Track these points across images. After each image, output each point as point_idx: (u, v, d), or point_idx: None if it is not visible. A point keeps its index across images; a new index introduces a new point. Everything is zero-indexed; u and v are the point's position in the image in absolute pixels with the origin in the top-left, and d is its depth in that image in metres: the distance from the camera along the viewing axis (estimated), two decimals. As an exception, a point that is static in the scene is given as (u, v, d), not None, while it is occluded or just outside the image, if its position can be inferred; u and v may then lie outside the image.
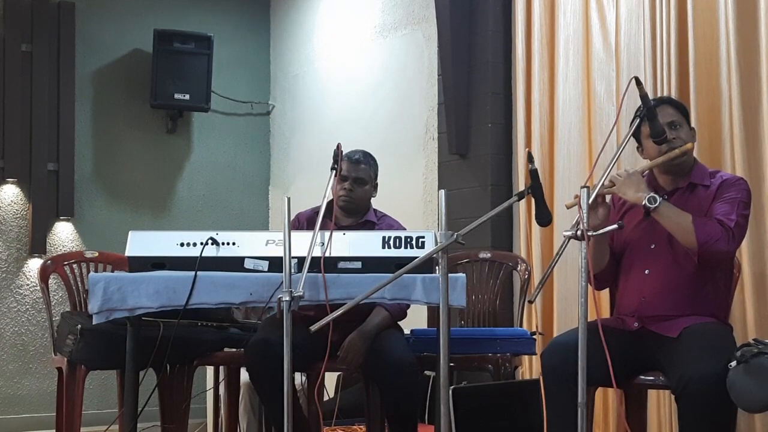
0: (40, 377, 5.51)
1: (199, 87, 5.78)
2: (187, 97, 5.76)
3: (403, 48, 5.26)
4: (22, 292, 5.55)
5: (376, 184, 3.72)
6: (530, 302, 2.75)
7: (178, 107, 5.85)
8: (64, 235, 5.64)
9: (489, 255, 3.88)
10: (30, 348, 5.55)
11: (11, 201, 5.51)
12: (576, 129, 4.29)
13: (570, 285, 4.03)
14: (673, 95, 3.79)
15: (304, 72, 6.01)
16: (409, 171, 5.10)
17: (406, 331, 3.55)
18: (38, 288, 5.43)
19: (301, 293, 2.74)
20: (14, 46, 5.45)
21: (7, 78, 5.42)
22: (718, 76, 3.70)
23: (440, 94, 4.87)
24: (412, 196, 5.06)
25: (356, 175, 3.57)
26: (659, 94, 3.82)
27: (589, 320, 2.43)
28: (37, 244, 5.52)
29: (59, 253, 5.55)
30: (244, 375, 4.04)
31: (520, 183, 4.47)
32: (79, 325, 3.44)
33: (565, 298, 4.06)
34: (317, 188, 5.42)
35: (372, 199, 3.73)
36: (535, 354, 3.61)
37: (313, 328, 2.54)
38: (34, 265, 5.52)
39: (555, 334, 4.02)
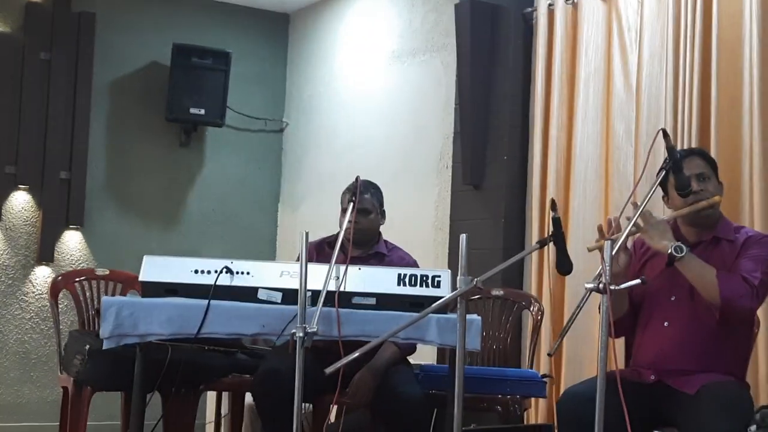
0: (41, 386, 5.48)
1: (214, 102, 5.77)
2: (203, 111, 5.75)
3: (420, 74, 5.25)
4: (27, 299, 5.53)
5: (383, 211, 3.70)
6: (550, 355, 2.72)
7: (192, 121, 5.84)
8: (72, 244, 5.62)
9: (501, 293, 3.86)
10: (32, 356, 5.52)
11: (22, 208, 5.50)
12: (593, 167, 4.26)
13: (580, 327, 3.99)
14: (694, 141, 3.78)
15: (319, 92, 6.00)
16: (422, 198, 5.08)
17: (413, 360, 3.53)
18: (44, 296, 5.40)
19: (315, 329, 2.72)
20: (33, 54, 5.44)
21: (24, 85, 5.42)
22: (740, 124, 3.68)
23: (456, 124, 4.85)
24: (424, 224, 5.04)
25: (360, 206, 3.52)
26: (679, 139, 3.80)
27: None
28: (46, 252, 5.49)
29: (67, 261, 5.55)
30: (247, 398, 4.03)
31: (534, 218, 4.45)
32: (88, 346, 3.43)
33: (574, 340, 4.02)
34: (327, 209, 5.50)
35: (381, 226, 3.71)
36: (545, 397, 3.58)
37: (328, 371, 2.51)
38: (41, 272, 5.50)
39: (563, 377, 3.99)
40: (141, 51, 5.84)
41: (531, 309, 3.81)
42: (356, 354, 2.51)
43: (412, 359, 3.63)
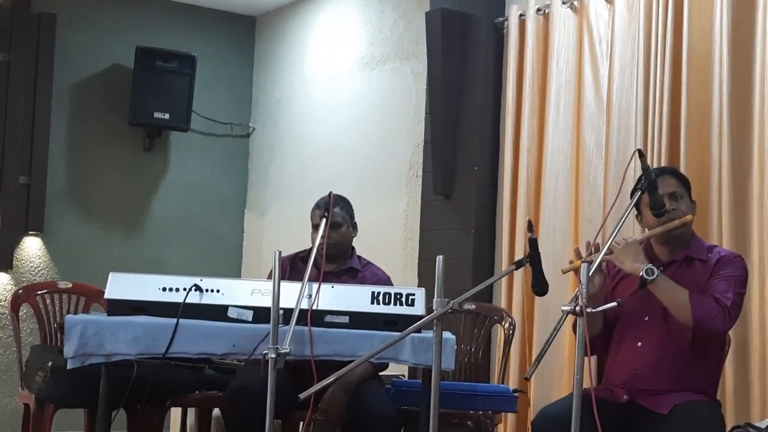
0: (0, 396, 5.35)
1: (179, 106, 5.68)
2: (167, 116, 5.66)
3: (390, 82, 5.21)
4: (-16, 307, 5.40)
5: (354, 223, 3.66)
6: (527, 379, 2.71)
7: (156, 126, 5.75)
8: (32, 250, 5.50)
9: (473, 307, 3.84)
10: (-12, 365, 5.39)
11: (-21, 213, 5.36)
12: (563, 179, 4.26)
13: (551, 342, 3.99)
14: (663, 154, 3.79)
15: (287, 97, 5.93)
16: (391, 207, 5.04)
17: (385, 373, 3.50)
18: (2, 304, 5.28)
19: (288, 349, 2.67)
20: (-8, 55, 5.32)
21: (-18, 87, 5.29)
22: (709, 138, 3.69)
23: (427, 133, 4.82)
24: (393, 233, 5.00)
25: (330, 220, 3.47)
26: (649, 153, 3.81)
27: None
28: (4, 258, 5.37)
29: (26, 268, 5.43)
30: (214, 413, 3.97)
31: (504, 228, 4.44)
32: (50, 362, 3.33)
33: (546, 355, 3.99)
34: (294, 215, 5.45)
35: (354, 239, 3.67)
36: (516, 412, 3.56)
37: (302, 396, 2.47)
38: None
39: (533, 392, 3.97)
40: (103, 53, 5.73)
41: (502, 323, 3.80)
42: (331, 378, 2.47)
43: (383, 372, 3.60)
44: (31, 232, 5.48)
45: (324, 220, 3.23)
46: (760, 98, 3.56)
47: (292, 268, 3.53)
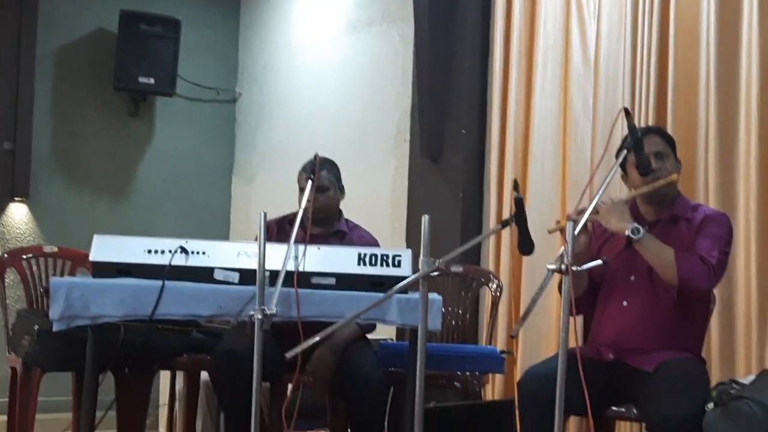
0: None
1: (164, 71, 5.62)
2: (152, 80, 5.60)
3: (376, 46, 5.17)
4: (-30, 273, 5.36)
5: (342, 187, 3.64)
6: (512, 337, 2.72)
7: (142, 90, 5.69)
8: (18, 217, 5.46)
9: (460, 269, 3.84)
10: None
11: (-36, 180, 5.32)
12: (551, 141, 4.25)
13: (538, 304, 3.96)
14: (651, 116, 3.78)
15: (273, 62, 5.88)
16: (379, 171, 5.02)
17: (372, 336, 3.50)
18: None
19: (274, 311, 2.67)
20: (-27, 20, 5.24)
21: (-36, 53, 5.22)
22: (696, 99, 3.69)
23: (414, 96, 4.80)
24: (381, 198, 4.99)
25: (317, 183, 3.44)
26: (637, 114, 3.80)
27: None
28: (-10, 225, 5.34)
29: (12, 234, 5.39)
30: (202, 376, 3.97)
31: (492, 192, 4.43)
32: (36, 326, 3.32)
33: (532, 316, 3.98)
34: (281, 181, 5.41)
35: (342, 202, 3.65)
36: (503, 373, 3.58)
37: (289, 356, 2.47)
38: (-16, 246, 5.34)
39: (521, 353, 3.99)
40: (87, 17, 5.64)
41: (489, 285, 3.80)
42: (317, 338, 2.47)
43: (371, 335, 3.60)
44: (16, 199, 5.42)
45: (310, 182, 3.21)
46: (746, 59, 3.56)
47: (279, 231, 3.51)
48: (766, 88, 3.45)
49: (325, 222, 3.55)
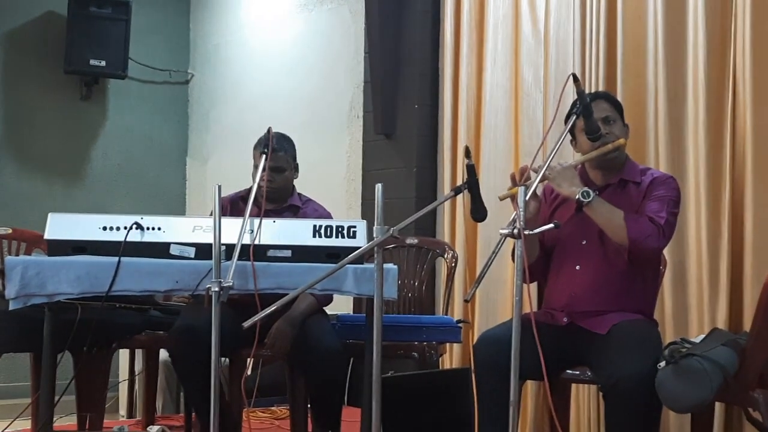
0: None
1: (115, 53, 5.58)
2: (103, 63, 5.56)
3: (328, 23, 5.17)
4: (-77, 262, 5.29)
5: (296, 165, 3.65)
6: (466, 301, 2.76)
7: (93, 74, 5.64)
8: (-30, 202, 5.40)
9: (416, 241, 3.87)
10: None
11: None
12: (503, 114, 4.30)
13: (493, 272, 4.02)
14: (601, 85, 3.84)
15: (225, 42, 5.85)
16: (333, 149, 5.04)
17: (330, 310, 3.52)
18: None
19: (231, 283, 2.68)
20: None
21: None
22: (645, 68, 3.76)
23: (366, 73, 4.81)
24: (336, 175, 5.01)
25: (274, 164, 3.45)
26: (587, 84, 3.85)
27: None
28: (-59, 211, 5.27)
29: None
30: (161, 354, 3.97)
31: (446, 166, 4.47)
32: (-8, 308, 3.29)
33: (488, 285, 4.07)
34: (236, 161, 5.40)
35: (296, 181, 3.66)
36: (460, 342, 3.63)
37: (246, 325, 2.48)
38: (-63, 233, 5.26)
39: (477, 322, 4.05)
40: (36, 0, 5.58)
41: (445, 256, 3.84)
42: (274, 307, 2.48)
43: (329, 309, 3.63)
44: (-32, 184, 5.38)
45: (264, 156, 3.21)
46: (693, 28, 3.62)
47: (233, 207, 3.51)
48: (713, 53, 3.52)
49: (279, 199, 3.56)
